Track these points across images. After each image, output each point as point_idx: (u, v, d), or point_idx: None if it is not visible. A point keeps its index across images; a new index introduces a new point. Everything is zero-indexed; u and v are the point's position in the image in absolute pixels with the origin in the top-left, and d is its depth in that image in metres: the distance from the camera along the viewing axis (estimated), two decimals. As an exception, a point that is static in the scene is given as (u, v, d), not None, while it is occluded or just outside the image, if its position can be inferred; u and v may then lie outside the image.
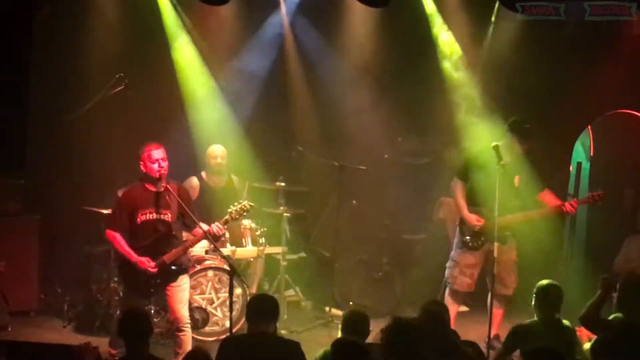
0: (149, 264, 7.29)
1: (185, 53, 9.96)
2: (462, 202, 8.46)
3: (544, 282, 6.64)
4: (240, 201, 7.72)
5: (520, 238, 8.87)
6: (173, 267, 7.42)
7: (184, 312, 7.47)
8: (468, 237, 8.44)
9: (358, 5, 9.85)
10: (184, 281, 7.53)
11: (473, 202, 8.44)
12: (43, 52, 9.42)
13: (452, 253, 8.60)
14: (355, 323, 5.90)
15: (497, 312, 8.43)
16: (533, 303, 6.57)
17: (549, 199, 8.37)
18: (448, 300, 8.45)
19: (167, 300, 7.46)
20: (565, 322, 6.58)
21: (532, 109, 10.08)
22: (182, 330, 7.45)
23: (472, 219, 8.37)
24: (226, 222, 7.58)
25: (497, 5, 9.89)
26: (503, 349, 6.66)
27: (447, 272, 8.59)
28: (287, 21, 10.19)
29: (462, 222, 8.49)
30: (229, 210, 7.60)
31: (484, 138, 8.81)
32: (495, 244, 7.95)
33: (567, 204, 8.26)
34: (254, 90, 10.21)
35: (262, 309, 5.94)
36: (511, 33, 10.03)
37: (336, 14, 10.21)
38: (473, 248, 8.45)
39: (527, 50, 10.06)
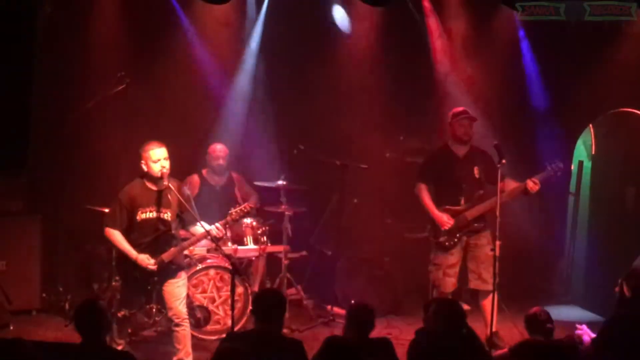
0: (148, 261, 7.29)
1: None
2: (430, 203, 8.46)
3: (532, 311, 6.48)
4: (241, 202, 7.75)
5: (522, 237, 8.88)
6: (172, 266, 7.43)
7: (181, 308, 7.47)
8: (443, 238, 8.42)
9: (360, 4, 9.85)
10: (181, 277, 7.53)
11: (439, 201, 8.45)
12: (45, 52, 9.44)
13: (432, 256, 8.55)
14: (361, 314, 5.91)
15: (487, 306, 8.31)
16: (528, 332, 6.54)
17: (510, 184, 8.35)
18: None
19: (164, 297, 7.46)
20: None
21: (534, 108, 10.10)
22: (180, 326, 7.44)
23: (443, 218, 8.37)
24: (226, 224, 7.60)
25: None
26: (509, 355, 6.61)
27: (431, 276, 8.57)
28: (287, 19, 10.19)
29: (434, 223, 8.48)
30: (230, 212, 7.63)
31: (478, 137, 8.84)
32: (498, 242, 7.94)
33: (529, 181, 8.22)
34: (255, 88, 10.22)
35: (269, 305, 5.92)
36: (512, 30, 10.05)
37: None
38: (451, 247, 8.42)
39: (529, 48, 10.06)
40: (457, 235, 8.37)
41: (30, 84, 9.39)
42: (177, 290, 7.47)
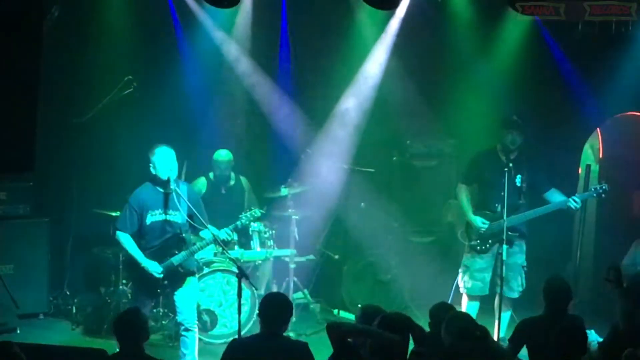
0: (155, 269, 7.31)
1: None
2: (467, 205, 8.49)
3: (555, 279, 6.69)
4: (252, 207, 7.79)
5: (528, 241, 8.85)
6: (181, 270, 7.44)
7: (191, 313, 7.49)
8: (475, 242, 8.43)
9: (367, 7, 9.84)
10: (192, 282, 7.55)
11: (478, 204, 8.47)
12: (52, 56, 9.44)
13: (463, 258, 8.59)
14: (371, 316, 5.87)
15: (504, 314, 8.38)
16: (543, 297, 6.59)
17: (555, 196, 8.38)
18: (463, 305, 8.43)
19: (175, 301, 7.47)
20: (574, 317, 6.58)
21: (541, 111, 10.07)
22: (189, 331, 7.46)
23: (478, 222, 8.38)
24: (235, 228, 7.63)
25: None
26: (511, 346, 6.64)
27: (458, 277, 8.59)
28: (293, 23, 10.18)
29: (469, 225, 8.49)
30: (240, 216, 7.66)
31: (487, 141, 8.84)
32: (505, 247, 7.97)
33: (571, 200, 8.26)
34: (262, 92, 10.22)
35: (275, 308, 5.91)
36: (520, 34, 10.02)
37: (344, 15, 10.19)
38: (482, 251, 8.44)
39: (536, 51, 10.04)
40: (490, 241, 8.36)
41: (38, 87, 9.39)
42: (187, 294, 7.49)
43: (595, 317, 8.85)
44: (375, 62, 10.23)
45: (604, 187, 8.36)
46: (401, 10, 9.96)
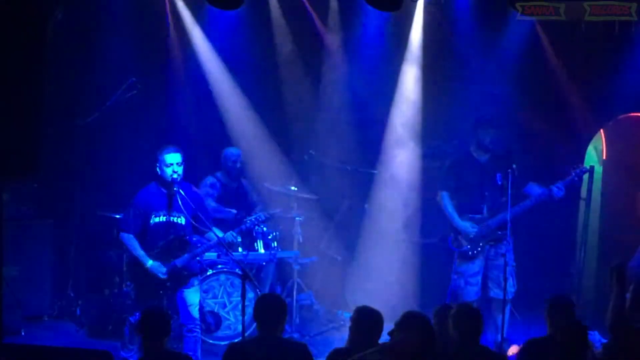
0: (159, 269, 7.32)
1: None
2: (453, 212, 8.47)
3: (557, 296, 6.62)
4: (256, 211, 7.84)
5: (532, 242, 8.87)
6: (184, 272, 7.45)
7: (194, 314, 7.51)
8: (466, 247, 8.40)
9: (370, 8, 9.83)
10: (194, 283, 7.56)
11: (462, 210, 8.45)
12: (56, 57, 9.46)
13: (455, 264, 8.55)
14: (368, 321, 5.85)
15: (500, 316, 8.33)
16: (545, 315, 6.55)
17: (534, 190, 8.35)
18: None
19: (177, 303, 7.49)
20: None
21: (544, 112, 10.07)
22: (192, 332, 7.49)
23: (467, 227, 8.36)
24: (241, 232, 7.64)
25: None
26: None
27: (453, 284, 8.56)
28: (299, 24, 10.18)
29: (457, 232, 8.46)
30: (244, 220, 7.67)
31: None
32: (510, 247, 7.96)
33: (553, 187, 8.22)
34: (267, 93, 10.22)
35: (269, 309, 5.91)
36: (522, 35, 10.01)
37: (350, 16, 10.19)
38: (474, 256, 8.42)
39: (539, 52, 10.03)
40: (481, 244, 8.36)
41: (42, 90, 9.40)
42: (190, 295, 7.51)
43: (599, 318, 8.85)
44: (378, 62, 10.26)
45: (584, 169, 8.34)
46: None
